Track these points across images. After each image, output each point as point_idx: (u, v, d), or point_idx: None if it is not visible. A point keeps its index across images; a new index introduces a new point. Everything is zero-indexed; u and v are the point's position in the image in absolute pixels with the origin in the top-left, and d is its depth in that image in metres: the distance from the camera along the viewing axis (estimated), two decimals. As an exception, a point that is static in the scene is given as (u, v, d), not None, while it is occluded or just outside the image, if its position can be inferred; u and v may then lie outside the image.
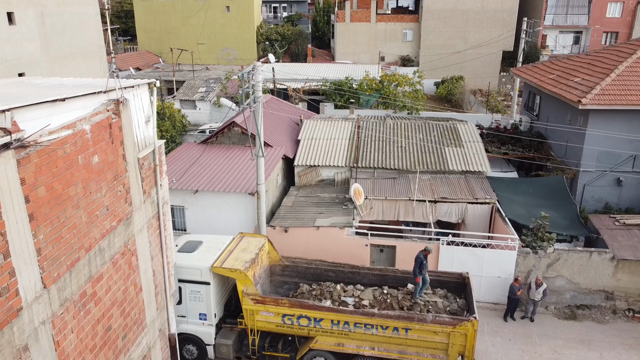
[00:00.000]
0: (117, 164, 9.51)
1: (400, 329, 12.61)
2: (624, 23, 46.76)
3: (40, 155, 7.27)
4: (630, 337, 15.80)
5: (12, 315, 6.83)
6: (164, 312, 12.07)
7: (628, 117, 19.52)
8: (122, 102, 9.55)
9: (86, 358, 8.74)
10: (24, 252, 6.98)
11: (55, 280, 7.73)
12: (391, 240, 17.22)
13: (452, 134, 22.90)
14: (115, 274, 9.61)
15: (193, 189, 17.71)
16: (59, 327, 7.93)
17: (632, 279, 16.40)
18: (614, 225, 17.59)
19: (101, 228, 9.01)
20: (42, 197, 7.34)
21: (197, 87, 38.65)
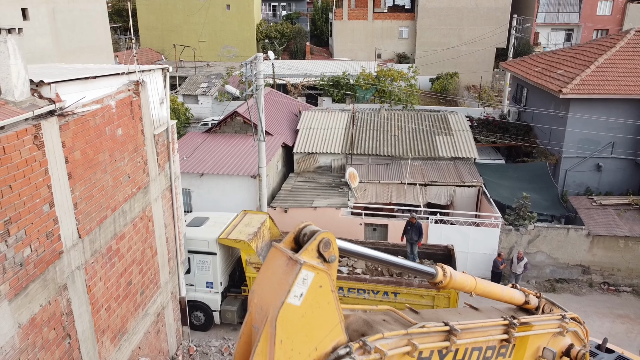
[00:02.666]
0: (137, 138, 10.78)
1: (389, 293, 13.87)
2: (614, 20, 48.05)
3: (77, 123, 8.54)
4: (604, 307, 17.08)
5: (55, 257, 8.10)
6: (175, 276, 13.34)
7: (606, 106, 20.80)
8: (141, 83, 10.82)
9: (112, 305, 10.00)
10: (64, 204, 8.25)
11: (87, 232, 9.00)
12: (383, 219, 18.49)
13: (443, 124, 24.18)
14: (135, 235, 10.87)
15: (199, 172, 18.96)
16: (90, 274, 9.20)
17: (607, 254, 17.67)
18: (591, 205, 18.88)
19: (124, 193, 10.27)
20: (77, 160, 8.61)
21: (199, 83, 39.90)
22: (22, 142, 7.24)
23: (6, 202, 6.99)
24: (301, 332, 3.74)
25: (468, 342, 5.07)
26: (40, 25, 24.33)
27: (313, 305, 3.77)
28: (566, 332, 6.21)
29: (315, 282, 3.75)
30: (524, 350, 5.81)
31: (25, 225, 7.38)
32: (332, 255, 3.88)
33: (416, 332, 4.65)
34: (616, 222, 17.95)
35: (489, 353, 5.37)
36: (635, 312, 16.74)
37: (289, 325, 3.66)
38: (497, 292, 6.17)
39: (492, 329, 5.41)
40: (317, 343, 3.83)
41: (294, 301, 3.63)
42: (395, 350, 4.34)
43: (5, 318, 7.07)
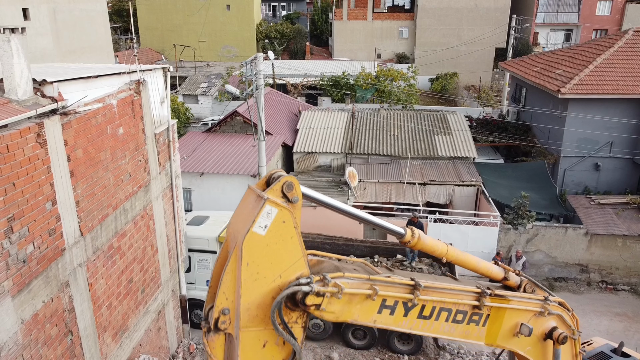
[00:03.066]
0: (138, 137, 10.87)
1: (388, 291, 13.95)
2: (613, 21, 48.17)
3: (79, 122, 8.63)
4: (602, 305, 17.19)
5: (57, 254, 8.19)
6: (175, 274, 13.43)
7: (605, 106, 20.90)
8: (142, 83, 10.91)
9: (113, 302, 10.09)
10: (66, 202, 8.34)
11: (89, 230, 9.09)
12: (383, 218, 18.56)
13: (442, 123, 24.28)
14: (136, 233, 10.96)
15: (199, 172, 19.06)
16: (92, 271, 9.29)
17: (605, 253, 17.77)
18: (590, 204, 18.99)
19: (125, 191, 10.36)
20: (79, 158, 8.69)
21: (199, 83, 40.00)
22: (25, 140, 7.33)
23: (9, 200, 7.08)
24: (266, 259, 4.26)
25: (434, 299, 5.32)
26: (41, 25, 24.43)
27: (277, 237, 4.27)
28: (548, 314, 6.22)
29: (279, 218, 4.25)
30: (499, 323, 5.97)
31: (28, 222, 7.46)
32: (295, 196, 4.34)
33: (379, 280, 4.95)
34: (614, 221, 18.05)
35: (459, 317, 5.61)
36: (633, 311, 16.84)
37: (254, 251, 4.20)
38: (471, 262, 6.14)
39: (463, 294, 5.60)
40: (282, 271, 4.34)
41: (258, 230, 4.18)
42: (354, 289, 4.69)
43: (9, 314, 7.15)
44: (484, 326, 5.90)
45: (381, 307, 5.02)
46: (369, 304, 4.88)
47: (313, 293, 4.34)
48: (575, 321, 6.71)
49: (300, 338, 4.54)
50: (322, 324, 14.75)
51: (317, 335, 14.90)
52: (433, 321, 5.47)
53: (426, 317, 5.39)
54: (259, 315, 4.33)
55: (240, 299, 4.23)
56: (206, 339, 4.47)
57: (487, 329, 5.94)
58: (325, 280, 4.48)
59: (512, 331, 6.08)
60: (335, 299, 4.54)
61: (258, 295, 4.30)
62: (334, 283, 4.50)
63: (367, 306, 4.89)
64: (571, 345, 6.72)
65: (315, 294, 4.36)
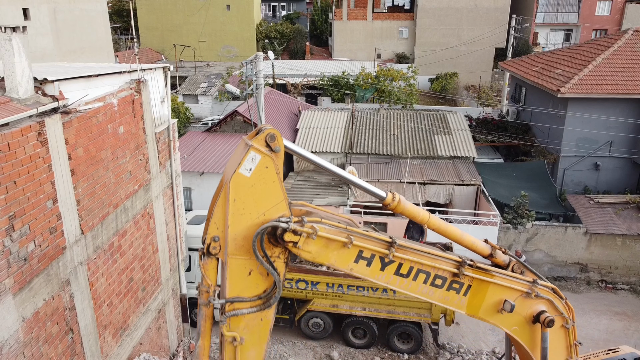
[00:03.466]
0: (138, 136, 10.89)
1: (388, 290, 13.99)
2: (613, 21, 48.22)
3: (79, 121, 8.65)
4: (601, 304, 17.22)
5: (58, 252, 8.22)
6: (176, 273, 13.46)
7: (604, 105, 20.93)
8: (142, 82, 10.94)
9: (113, 301, 10.12)
10: (67, 201, 8.36)
11: (90, 228, 9.12)
12: (383, 218, 18.62)
13: (442, 123, 24.30)
14: (136, 232, 10.98)
15: (199, 171, 19.09)
16: (93, 270, 9.31)
17: (604, 252, 17.81)
18: (589, 203, 19.02)
19: (125, 190, 10.39)
20: (80, 157, 8.72)
21: (199, 83, 40.02)
22: (26, 138, 7.36)
23: (11, 198, 7.11)
24: (250, 198, 4.94)
25: (411, 259, 5.68)
26: (41, 25, 24.45)
27: (260, 180, 4.91)
28: (535, 296, 6.29)
29: (262, 163, 4.90)
30: (482, 296, 6.18)
31: (29, 220, 7.49)
32: (277, 146, 4.92)
33: (356, 232, 5.39)
34: (614, 221, 18.09)
35: (438, 281, 5.94)
36: (632, 310, 16.87)
37: (240, 190, 4.90)
38: (454, 233, 6.28)
39: (442, 260, 5.88)
40: (265, 210, 4.99)
41: (244, 172, 4.86)
42: (329, 234, 5.20)
43: (10, 312, 7.18)
44: (465, 296, 6.13)
45: (358, 258, 5.44)
46: (345, 252, 5.33)
47: (290, 230, 4.93)
48: (570, 311, 6.70)
49: (282, 272, 5.15)
50: (322, 324, 14.78)
51: (317, 334, 14.93)
52: (411, 280, 5.83)
53: (403, 275, 5.75)
54: (244, 246, 4.99)
55: (228, 230, 4.92)
56: (201, 263, 5.16)
57: (469, 300, 6.15)
58: (302, 222, 5.04)
59: (496, 307, 6.21)
60: (311, 240, 5.08)
61: (243, 228, 4.96)
62: (311, 225, 5.04)
63: (344, 254, 5.34)
64: (565, 334, 6.70)
65: (292, 231, 4.95)
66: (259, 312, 5.19)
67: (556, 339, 6.71)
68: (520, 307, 6.32)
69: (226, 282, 5.14)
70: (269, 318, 5.27)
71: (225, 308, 5.18)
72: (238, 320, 5.17)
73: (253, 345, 5.30)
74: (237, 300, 5.13)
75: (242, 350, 5.25)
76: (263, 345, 5.34)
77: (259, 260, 4.96)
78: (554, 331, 6.62)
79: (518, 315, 6.38)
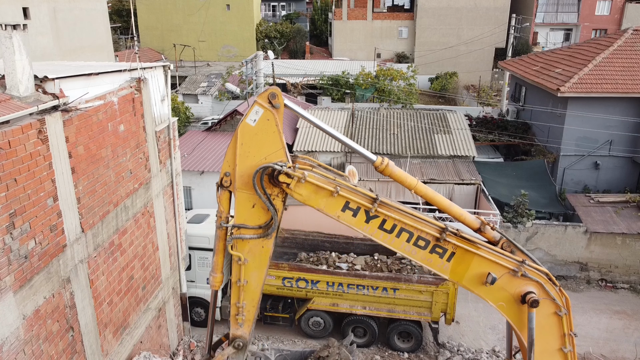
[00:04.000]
0: (139, 134, 10.90)
1: (389, 289, 13.99)
2: (613, 20, 48.21)
3: (80, 119, 8.66)
4: (601, 303, 17.22)
5: (59, 250, 8.22)
6: (176, 272, 13.46)
7: (604, 104, 20.94)
8: (143, 80, 10.94)
9: (114, 299, 10.12)
10: (67, 199, 8.37)
11: (90, 226, 9.12)
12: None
13: (442, 122, 24.30)
14: (137, 230, 10.99)
15: (199, 170, 19.09)
16: (93, 268, 9.32)
17: (604, 251, 17.81)
18: (589, 202, 19.03)
19: (126, 188, 10.39)
20: (81, 155, 8.73)
21: (199, 82, 40.02)
22: (27, 136, 7.36)
23: (11, 195, 7.11)
24: (254, 144, 5.93)
25: (393, 217, 6.23)
26: (41, 24, 24.45)
27: (262, 130, 5.89)
28: (522, 275, 6.46)
29: (264, 116, 5.85)
30: (466, 266, 6.51)
31: (29, 218, 7.50)
32: (277, 103, 5.83)
33: (344, 184, 6.13)
34: (614, 220, 18.09)
35: (421, 243, 6.40)
36: (632, 309, 16.88)
37: (246, 136, 5.91)
38: (442, 202, 6.51)
39: (425, 223, 6.32)
40: (266, 155, 5.94)
41: (249, 122, 5.87)
42: (316, 181, 5.98)
43: (11, 309, 7.18)
44: (448, 261, 6.52)
45: (345, 207, 6.18)
46: (333, 201, 6.10)
47: (283, 173, 5.85)
48: (565, 299, 6.71)
49: (279, 210, 6.09)
50: (322, 322, 14.78)
51: (317, 333, 14.93)
52: (394, 237, 6.37)
53: (387, 230, 6.33)
54: (249, 182, 5.97)
55: (236, 168, 5.94)
56: (217, 194, 6.20)
57: (452, 267, 6.53)
58: (294, 168, 5.91)
59: (481, 279, 6.50)
60: (301, 184, 5.93)
61: (248, 167, 5.94)
62: (301, 172, 5.90)
63: (332, 202, 6.13)
64: (558, 322, 6.74)
65: (285, 174, 5.86)
66: (259, 239, 6.18)
67: (549, 325, 6.78)
68: (507, 285, 6.54)
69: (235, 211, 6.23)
70: (269, 247, 6.23)
71: (233, 232, 6.20)
72: (243, 244, 6.20)
73: (255, 267, 6.33)
74: (242, 226, 6.14)
75: (246, 270, 6.30)
76: (263, 269, 6.35)
77: (258, 194, 5.92)
78: (546, 317, 6.72)
79: (504, 292, 6.60)
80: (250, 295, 6.50)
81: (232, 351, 6.70)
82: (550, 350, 6.92)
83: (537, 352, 6.83)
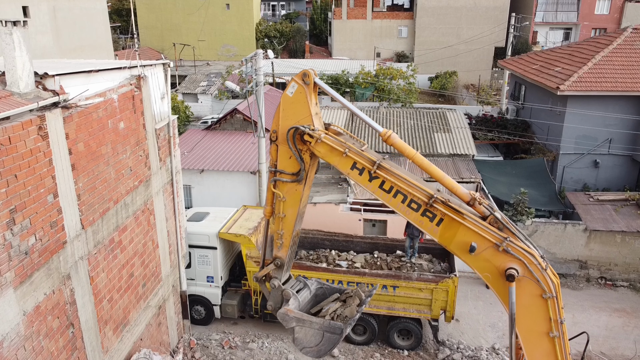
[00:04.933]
0: (139, 132, 10.91)
1: (388, 286, 14.00)
2: (612, 19, 48.23)
3: (80, 116, 8.67)
4: (601, 301, 17.24)
5: (59, 247, 8.24)
6: (176, 270, 13.47)
7: (604, 103, 20.95)
8: (143, 78, 10.95)
9: (114, 296, 10.13)
10: (68, 195, 8.38)
11: (90, 223, 9.14)
12: (382, 215, 18.62)
13: (441, 121, 24.33)
14: (137, 228, 11.00)
15: (199, 169, 19.09)
16: (93, 265, 9.33)
17: (604, 249, 17.82)
18: (588, 201, 19.04)
19: (126, 185, 10.40)
20: (81, 152, 8.74)
21: (198, 81, 40.02)
22: (27, 132, 7.38)
23: (12, 192, 7.12)
24: (291, 110, 7.55)
25: (389, 179, 7.27)
26: (41, 23, 24.45)
27: (296, 100, 7.50)
28: (502, 250, 6.85)
29: (298, 90, 7.47)
30: (453, 233, 7.16)
31: (30, 214, 7.51)
32: (307, 80, 7.40)
33: (352, 148, 7.36)
34: (613, 218, 18.10)
35: (414, 205, 7.29)
36: (631, 306, 16.89)
37: (285, 104, 7.57)
38: (437, 172, 7.39)
39: (416, 188, 7.20)
40: (298, 119, 7.49)
41: (288, 93, 7.54)
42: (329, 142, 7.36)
43: (11, 305, 7.20)
44: (437, 226, 7.27)
45: (353, 167, 7.45)
46: (343, 160, 7.45)
47: (306, 133, 7.37)
48: (553, 284, 6.86)
49: (307, 162, 7.60)
50: None
51: (317, 331, 14.92)
52: (391, 197, 7.40)
53: (386, 190, 7.38)
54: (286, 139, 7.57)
55: (279, 127, 7.58)
56: (270, 148, 7.86)
57: (441, 231, 7.26)
58: (315, 131, 7.40)
59: (467, 247, 7.06)
60: (319, 144, 7.40)
61: (285, 127, 7.51)
62: (319, 133, 7.35)
63: (343, 161, 7.47)
64: (544, 305, 6.86)
65: (308, 134, 7.37)
66: (293, 184, 7.73)
67: (535, 307, 7.00)
68: (492, 258, 7.04)
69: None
70: (300, 191, 7.77)
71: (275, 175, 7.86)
72: (282, 185, 7.80)
73: (290, 205, 7.90)
74: (282, 172, 7.76)
75: (285, 206, 7.87)
76: (296, 207, 7.88)
77: (290, 147, 7.49)
78: (531, 297, 7.01)
79: (489, 264, 7.08)
80: (287, 226, 8.09)
81: (273, 267, 8.46)
82: (537, 332, 7.15)
83: (523, 331, 7.19)
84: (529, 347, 7.29)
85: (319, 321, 8.48)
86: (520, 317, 7.17)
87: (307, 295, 9.25)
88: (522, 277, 6.93)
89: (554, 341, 7.11)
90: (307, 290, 9.30)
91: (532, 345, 7.24)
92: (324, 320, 8.48)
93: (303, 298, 9.06)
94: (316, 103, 7.74)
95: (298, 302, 8.95)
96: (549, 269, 7.05)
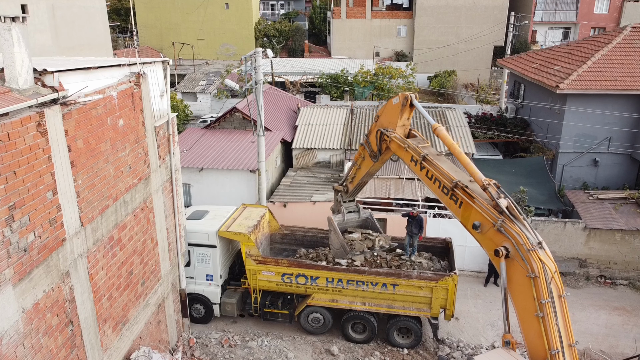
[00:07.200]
0: (138, 129, 10.88)
1: (388, 285, 13.98)
2: (611, 19, 48.26)
3: (79, 113, 8.64)
4: (600, 299, 17.23)
5: (58, 244, 8.21)
6: (175, 268, 13.44)
7: (603, 101, 20.95)
8: (142, 75, 10.92)
9: (113, 294, 10.10)
10: (67, 192, 8.35)
11: (90, 221, 9.11)
12: (382, 214, 18.60)
13: (441, 120, 24.30)
14: (136, 225, 10.97)
15: (198, 167, 19.06)
16: (93, 262, 9.30)
17: (603, 247, 17.82)
18: (588, 199, 19.03)
19: (125, 183, 10.38)
20: (80, 149, 8.71)
21: (197, 81, 39.98)
22: (26, 129, 7.35)
23: (10, 188, 7.10)
24: (389, 112, 11.55)
25: (430, 169, 10.01)
26: (39, 21, 24.38)
27: (394, 108, 11.33)
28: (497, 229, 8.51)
29: (398, 103, 11.09)
30: (469, 214, 9.13)
31: (29, 211, 7.48)
32: (405, 102, 10.86)
33: (410, 145, 10.67)
34: (612, 216, 18.10)
35: (445, 190, 9.70)
36: (631, 305, 16.90)
37: (389, 106, 11.59)
38: (464, 159, 9.24)
39: (445, 176, 9.67)
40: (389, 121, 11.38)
41: (393, 101, 11.34)
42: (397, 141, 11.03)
43: (10, 302, 7.17)
44: (459, 208, 9.29)
45: (411, 159, 10.47)
46: (405, 154, 10.70)
47: (386, 134, 11.17)
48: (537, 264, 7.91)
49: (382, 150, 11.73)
50: (321, 318, 14.78)
51: (316, 329, 14.93)
52: (432, 183, 9.92)
53: (429, 178, 10.01)
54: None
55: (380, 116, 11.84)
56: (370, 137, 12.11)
57: (462, 213, 9.29)
58: (390, 132, 11.13)
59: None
60: (392, 141, 11.09)
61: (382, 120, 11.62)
62: (392, 135, 11.05)
63: (405, 154, 10.68)
64: (529, 285, 7.62)
65: (386, 135, 11.14)
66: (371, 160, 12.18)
67: (522, 285, 8.12)
68: (494, 237, 8.58)
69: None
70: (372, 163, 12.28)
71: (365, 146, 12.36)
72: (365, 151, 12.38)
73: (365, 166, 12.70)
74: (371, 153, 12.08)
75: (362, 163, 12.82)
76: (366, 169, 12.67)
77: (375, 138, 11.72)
78: (522, 276, 8.06)
79: (492, 242, 8.66)
80: (359, 173, 12.98)
81: (342, 189, 13.74)
82: (530, 310, 8.10)
83: (519, 308, 8.23)
84: (525, 326, 8.23)
85: (340, 238, 13.48)
86: (515, 295, 8.30)
87: (356, 218, 14.51)
88: (514, 257, 8.20)
89: (539, 321, 7.89)
90: (357, 215, 14.55)
91: (527, 325, 8.16)
92: (342, 240, 13.48)
93: (351, 217, 14.37)
94: (407, 118, 11.01)
95: (343, 217, 14.23)
96: (543, 253, 8.14)
